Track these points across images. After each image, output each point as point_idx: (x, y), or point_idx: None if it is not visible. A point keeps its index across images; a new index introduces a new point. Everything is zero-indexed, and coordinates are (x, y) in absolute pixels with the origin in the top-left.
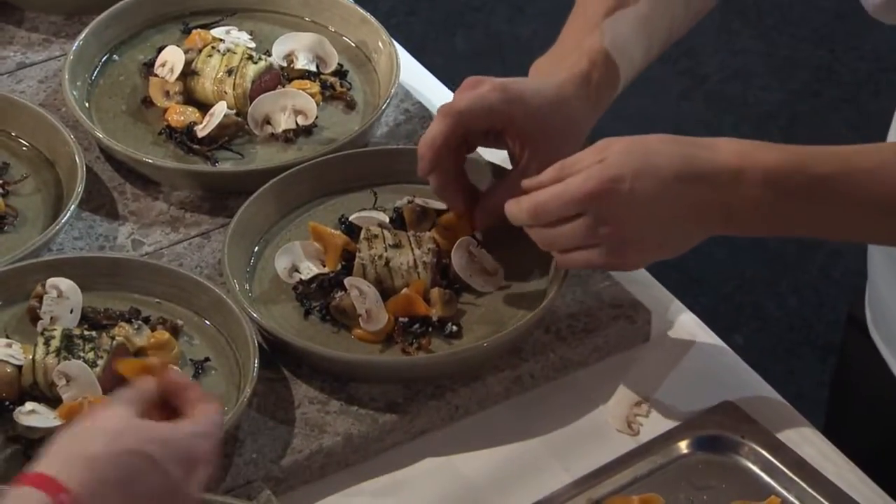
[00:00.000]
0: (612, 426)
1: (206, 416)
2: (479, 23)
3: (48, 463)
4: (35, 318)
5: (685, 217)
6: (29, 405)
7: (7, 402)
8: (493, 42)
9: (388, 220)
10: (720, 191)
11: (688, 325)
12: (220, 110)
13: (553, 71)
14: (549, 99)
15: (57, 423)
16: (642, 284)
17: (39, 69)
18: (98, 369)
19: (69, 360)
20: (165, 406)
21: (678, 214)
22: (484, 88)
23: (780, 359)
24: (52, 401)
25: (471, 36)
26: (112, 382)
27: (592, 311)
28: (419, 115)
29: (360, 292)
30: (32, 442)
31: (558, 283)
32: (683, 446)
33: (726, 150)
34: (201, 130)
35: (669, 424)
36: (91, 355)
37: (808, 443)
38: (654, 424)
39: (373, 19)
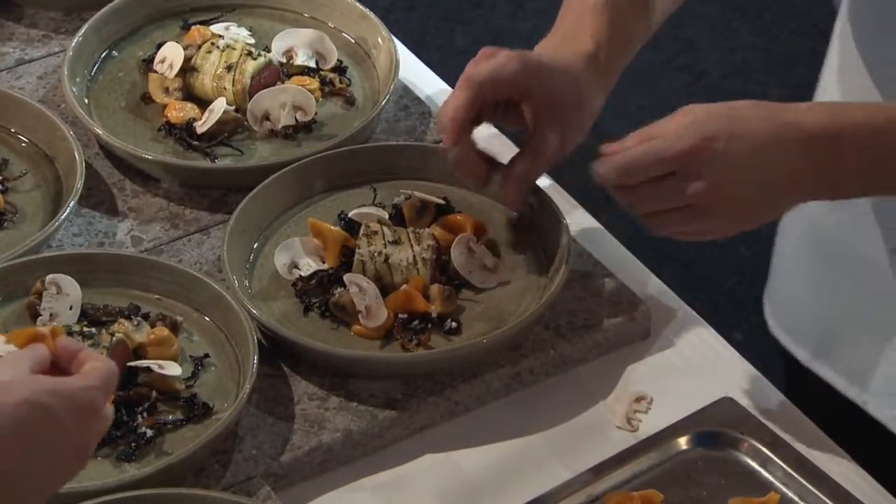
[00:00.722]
0: (612, 422)
1: (96, 370)
2: (478, 18)
3: None
4: (35, 314)
5: (778, 182)
6: None
7: None
8: (493, 37)
9: (387, 216)
10: (818, 155)
11: (687, 321)
12: (219, 106)
13: (557, 53)
14: (563, 71)
15: None
16: (642, 280)
17: (39, 65)
18: None
19: None
20: (57, 370)
21: (771, 178)
22: (502, 58)
23: (780, 355)
24: None
25: (470, 31)
26: None
27: (592, 307)
28: (418, 111)
29: (359, 289)
30: None
31: (558, 279)
32: (683, 442)
33: (818, 114)
34: (200, 127)
35: (669, 420)
36: None
37: (808, 439)
38: (654, 420)
39: (372, 15)
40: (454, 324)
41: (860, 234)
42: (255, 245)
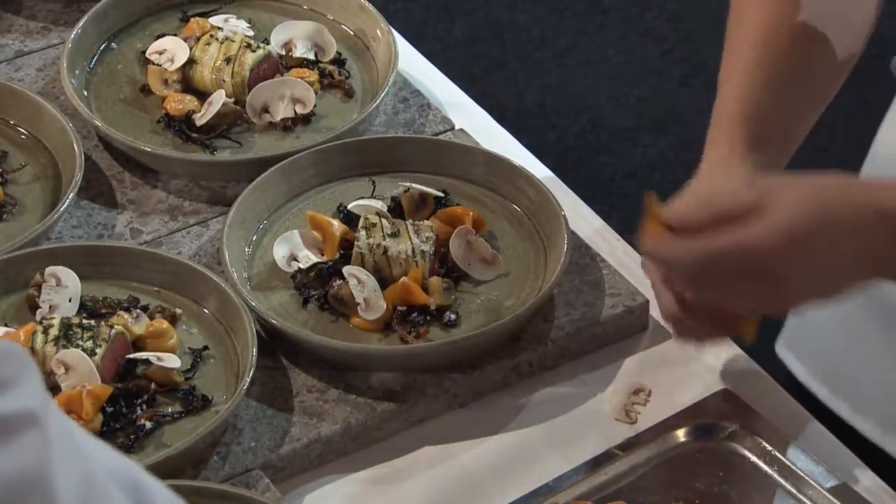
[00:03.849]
0: (610, 414)
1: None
2: (478, 9)
3: None
4: (34, 306)
5: (857, 265)
6: None
7: None
8: (493, 29)
9: (386, 208)
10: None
11: None
12: (218, 98)
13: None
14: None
15: None
16: (640, 273)
17: (38, 57)
18: (97, 358)
19: (68, 348)
20: None
21: (852, 263)
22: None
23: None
24: (51, 389)
25: (470, 23)
26: (111, 371)
27: (590, 299)
28: (417, 103)
29: (358, 281)
30: None
31: (556, 271)
32: (681, 434)
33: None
34: (200, 119)
35: (667, 413)
36: (90, 344)
37: (806, 431)
38: (652, 413)
39: (371, 7)
40: (453, 316)
41: None
42: (254, 237)
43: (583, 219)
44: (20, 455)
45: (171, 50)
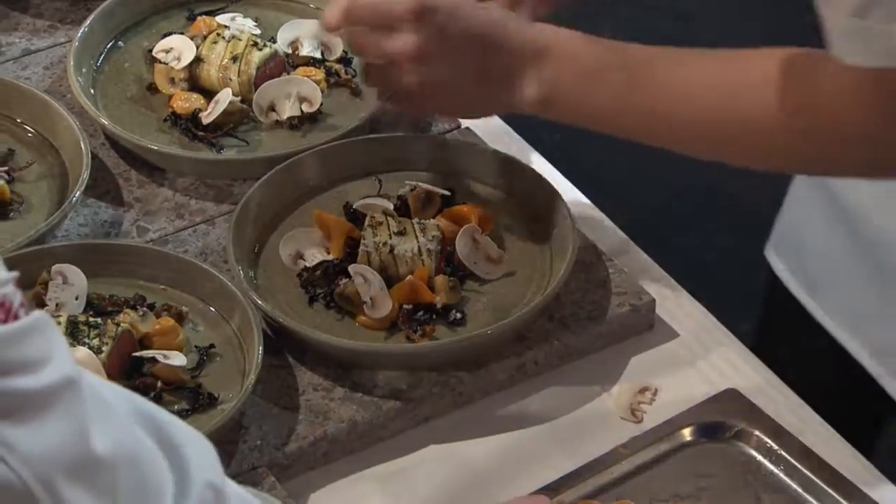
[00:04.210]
0: (616, 413)
1: None
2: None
3: None
4: (40, 304)
5: (484, 76)
6: None
7: None
8: None
9: (392, 207)
10: (524, 61)
11: (692, 312)
12: (224, 97)
13: None
14: None
15: None
16: (647, 271)
17: (45, 55)
18: (103, 356)
19: (74, 346)
20: None
21: (477, 69)
22: None
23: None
24: None
25: None
26: (117, 368)
27: (597, 298)
28: None
29: (364, 279)
30: None
31: (562, 270)
32: (687, 433)
33: (538, 29)
34: (206, 117)
35: (673, 412)
36: (96, 342)
37: (812, 430)
38: (658, 412)
39: None
40: (459, 315)
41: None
42: (261, 236)
43: (588, 217)
44: (68, 419)
45: (177, 48)
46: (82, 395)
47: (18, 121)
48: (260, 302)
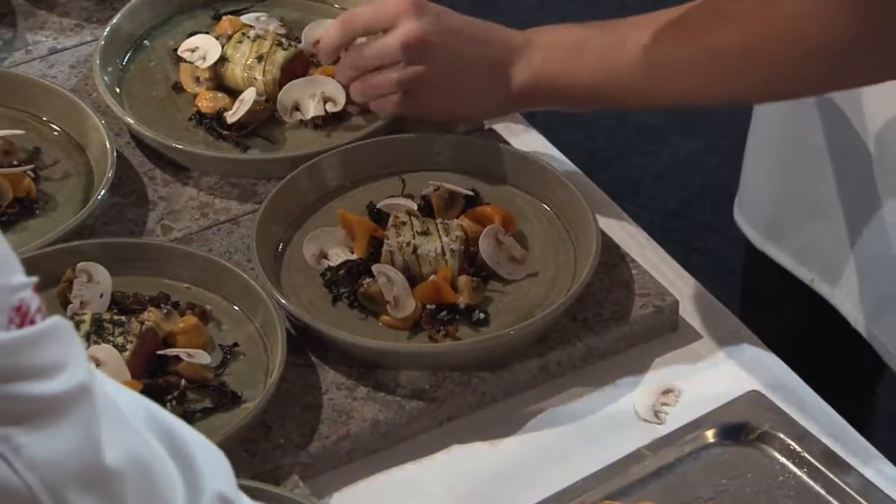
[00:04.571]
0: (639, 415)
1: None
2: (507, 9)
3: None
4: (65, 302)
5: (481, 63)
6: None
7: None
8: (521, 28)
9: (416, 207)
10: (511, 53)
11: (716, 313)
12: (249, 96)
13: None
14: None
15: None
16: (670, 272)
17: (71, 54)
18: (127, 353)
19: (99, 344)
20: None
21: (475, 55)
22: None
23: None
24: None
25: (499, 22)
26: (141, 367)
27: (620, 299)
28: None
29: (387, 279)
30: None
31: (586, 271)
32: (710, 435)
33: (523, 31)
34: (231, 116)
35: (696, 413)
36: (120, 340)
37: (836, 433)
38: (681, 413)
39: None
40: (482, 315)
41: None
42: (285, 235)
43: (612, 218)
44: (80, 427)
45: (202, 48)
46: (96, 402)
47: (45, 119)
48: (283, 301)
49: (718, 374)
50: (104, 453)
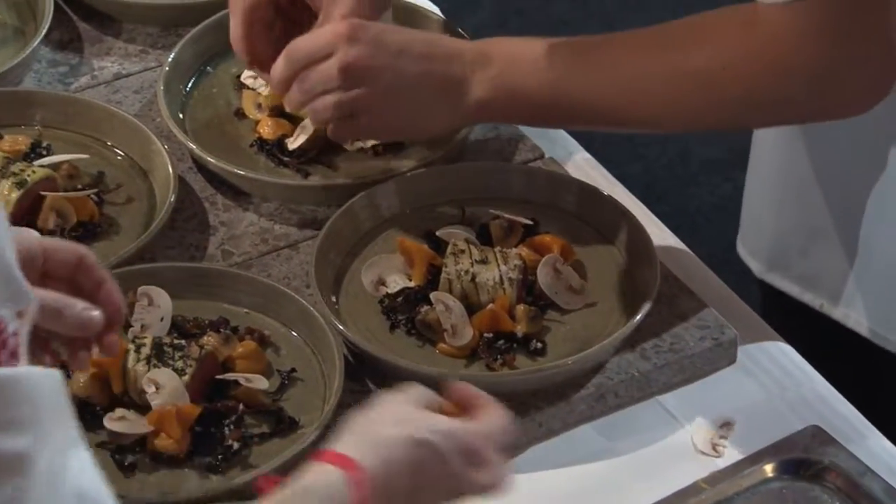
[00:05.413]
0: (697, 447)
1: (492, 419)
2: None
3: (343, 443)
4: (126, 325)
5: (428, 80)
6: (119, 411)
7: (98, 408)
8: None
9: (474, 235)
10: (464, 66)
11: (775, 347)
12: (310, 123)
13: None
14: None
15: (145, 429)
16: (730, 306)
17: (135, 80)
18: (186, 378)
19: (159, 367)
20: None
21: (420, 73)
22: None
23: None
24: (142, 407)
25: None
26: (200, 391)
27: (678, 331)
28: (507, 132)
29: (445, 307)
30: (121, 447)
31: (645, 303)
32: (768, 470)
33: (469, 40)
34: (292, 143)
35: (754, 447)
36: (180, 363)
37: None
38: (739, 447)
39: (462, 34)
40: (539, 344)
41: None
42: (343, 261)
43: (670, 250)
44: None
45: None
46: (26, 482)
47: (109, 144)
48: (341, 327)
49: (777, 409)
50: None
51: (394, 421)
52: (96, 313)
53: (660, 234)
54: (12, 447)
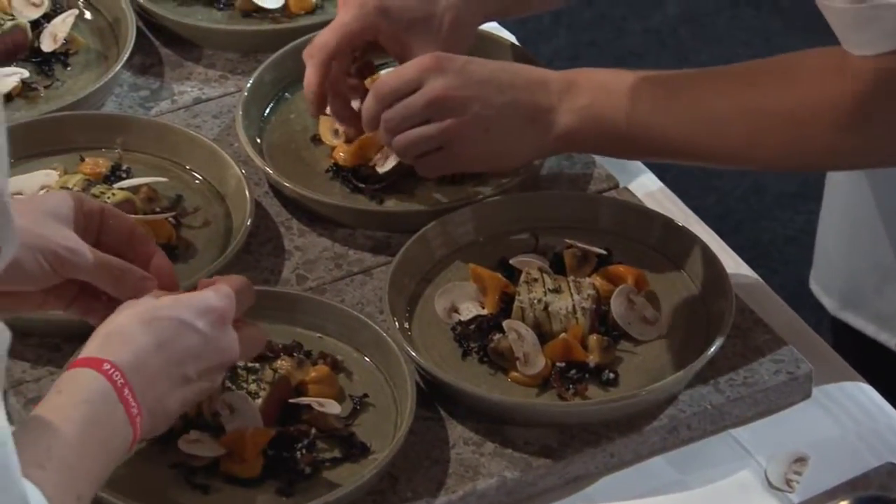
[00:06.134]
0: (771, 483)
1: (221, 287)
2: (642, 69)
3: (86, 349)
4: None
5: (515, 109)
6: (193, 433)
7: (172, 430)
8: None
9: (548, 264)
10: (551, 95)
11: (850, 383)
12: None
13: None
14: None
15: (218, 452)
16: (805, 340)
17: (214, 104)
18: (260, 401)
19: (233, 390)
20: None
21: (508, 103)
22: (343, 17)
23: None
24: (216, 430)
25: None
26: (273, 414)
27: (753, 365)
28: (582, 160)
29: (518, 335)
30: (195, 469)
31: (719, 336)
32: None
33: (559, 72)
34: (381, 167)
35: (828, 484)
36: (254, 387)
37: None
38: (813, 483)
39: (538, 63)
40: (612, 375)
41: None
42: (417, 288)
43: (745, 282)
44: None
45: None
46: None
47: (187, 167)
48: (414, 353)
49: (852, 445)
50: None
51: (133, 313)
52: (153, 282)
53: (734, 266)
54: None
